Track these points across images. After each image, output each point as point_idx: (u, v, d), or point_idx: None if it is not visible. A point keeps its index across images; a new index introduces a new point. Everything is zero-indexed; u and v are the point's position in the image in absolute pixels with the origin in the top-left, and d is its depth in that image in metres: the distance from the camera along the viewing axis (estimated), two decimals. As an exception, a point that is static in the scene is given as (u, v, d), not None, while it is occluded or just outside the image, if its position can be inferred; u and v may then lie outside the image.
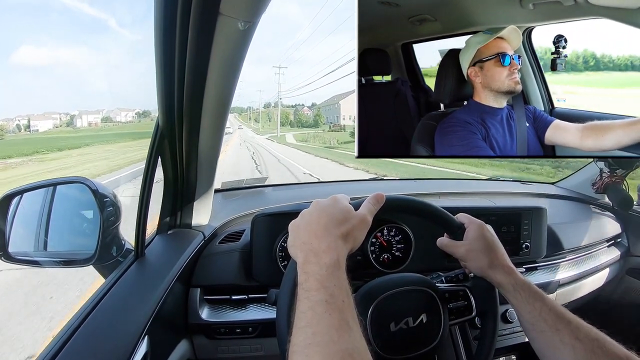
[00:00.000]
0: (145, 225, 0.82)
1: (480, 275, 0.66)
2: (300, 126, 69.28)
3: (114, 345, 0.61)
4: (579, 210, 1.49)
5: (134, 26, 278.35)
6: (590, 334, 0.52)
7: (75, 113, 79.01)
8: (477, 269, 0.66)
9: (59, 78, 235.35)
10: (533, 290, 0.59)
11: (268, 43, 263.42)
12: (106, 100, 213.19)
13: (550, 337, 0.54)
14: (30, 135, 64.07)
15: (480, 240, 0.65)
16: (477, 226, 0.67)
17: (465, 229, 0.68)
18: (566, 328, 0.53)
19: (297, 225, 0.55)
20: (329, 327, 0.41)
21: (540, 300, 0.58)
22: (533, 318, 0.57)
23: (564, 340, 0.53)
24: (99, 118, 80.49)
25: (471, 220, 0.69)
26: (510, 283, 0.61)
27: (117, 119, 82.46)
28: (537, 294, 0.59)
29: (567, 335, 0.53)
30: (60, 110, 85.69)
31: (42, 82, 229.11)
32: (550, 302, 0.57)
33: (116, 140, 33.68)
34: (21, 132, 67.99)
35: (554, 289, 1.16)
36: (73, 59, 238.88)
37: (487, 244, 0.65)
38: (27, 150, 23.25)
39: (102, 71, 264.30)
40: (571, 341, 0.52)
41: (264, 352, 0.91)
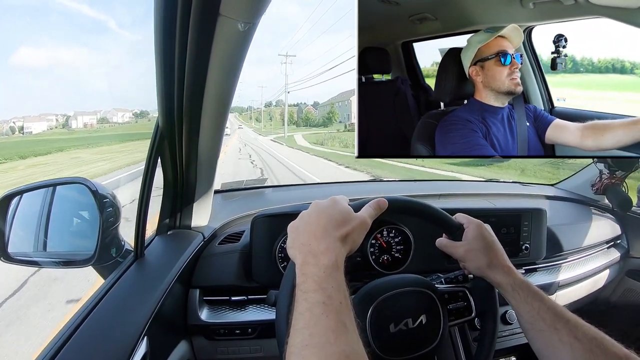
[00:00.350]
0: (145, 226, 0.82)
1: (479, 275, 0.65)
2: (307, 125, 66.40)
3: (113, 345, 0.60)
4: (579, 211, 1.49)
5: (133, 27, 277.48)
6: (589, 333, 0.52)
7: (71, 114, 78.56)
8: (476, 269, 0.65)
9: (59, 78, 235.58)
10: (532, 289, 0.59)
11: (268, 44, 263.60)
12: (105, 101, 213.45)
13: (548, 337, 0.54)
14: (22, 137, 63.47)
15: (479, 240, 0.65)
16: (476, 226, 0.67)
17: (464, 229, 0.68)
18: (565, 327, 0.53)
19: (296, 227, 0.55)
20: (325, 329, 0.41)
21: (538, 299, 0.58)
22: (532, 317, 0.57)
23: (562, 339, 0.52)
24: (95, 119, 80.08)
25: (470, 220, 0.68)
26: (509, 283, 0.61)
27: (114, 119, 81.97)
28: (535, 294, 0.59)
29: (565, 334, 0.53)
30: (57, 111, 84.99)
31: (41, 83, 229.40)
32: (549, 302, 0.57)
33: (100, 143, 31.75)
34: (14, 135, 67.57)
35: (554, 290, 1.15)
36: (72, 59, 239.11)
37: (486, 243, 0.65)
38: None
39: (101, 71, 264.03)
40: (570, 340, 0.52)
41: (263, 353, 0.91)
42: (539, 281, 1.13)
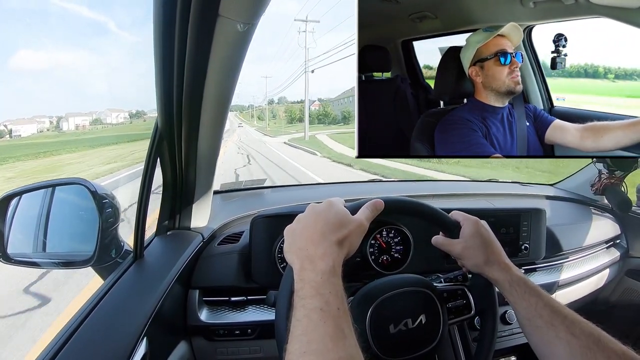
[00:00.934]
0: (144, 227, 0.82)
1: (477, 272, 0.66)
2: (324, 123, 58.06)
3: (113, 346, 0.60)
4: (578, 211, 1.49)
5: (133, 27, 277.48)
6: (586, 329, 0.52)
7: (62, 115, 77.50)
8: (474, 266, 0.65)
9: (58, 80, 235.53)
10: (529, 285, 0.60)
11: (268, 42, 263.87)
12: (103, 101, 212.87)
13: (545, 333, 0.54)
14: (8, 141, 61.95)
15: (476, 237, 0.65)
16: (472, 223, 0.67)
17: (461, 227, 0.68)
18: (562, 324, 0.53)
19: (292, 230, 0.55)
20: (323, 335, 0.42)
21: (536, 295, 0.58)
22: (529, 314, 0.57)
23: (559, 335, 0.52)
24: (88, 120, 78.86)
25: (466, 217, 0.68)
26: (506, 279, 0.61)
27: (108, 120, 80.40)
28: (533, 290, 0.59)
29: (562, 330, 0.53)
30: (51, 113, 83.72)
31: (38, 85, 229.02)
32: (546, 298, 0.57)
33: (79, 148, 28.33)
34: (2, 138, 66.47)
35: (554, 290, 1.16)
36: (72, 61, 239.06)
37: (483, 240, 0.65)
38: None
39: (101, 72, 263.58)
40: (567, 336, 0.52)
41: (262, 354, 0.91)
42: (539, 281, 1.13)
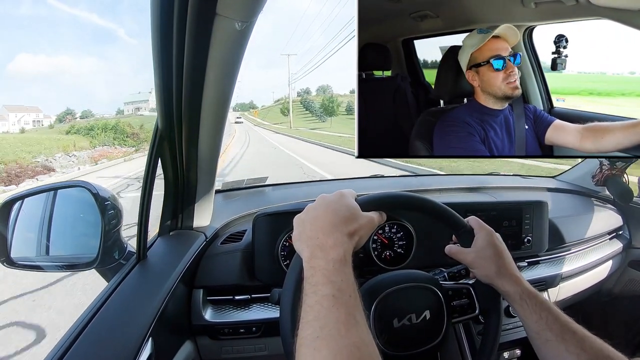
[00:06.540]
0: (147, 228, 0.82)
1: (487, 282, 0.65)
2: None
3: (118, 347, 0.61)
4: (580, 203, 1.49)
5: (132, 28, 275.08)
6: (595, 344, 0.52)
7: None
8: (484, 277, 0.65)
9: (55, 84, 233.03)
10: (539, 299, 0.60)
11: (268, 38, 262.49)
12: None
13: (555, 347, 0.54)
14: None
15: (489, 248, 0.65)
16: (487, 233, 0.66)
17: (474, 234, 0.67)
18: (572, 338, 0.54)
19: (302, 220, 0.55)
20: (336, 321, 0.42)
21: (546, 309, 0.58)
22: (539, 327, 0.57)
23: (569, 349, 0.53)
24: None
25: (481, 226, 0.68)
26: (517, 292, 0.61)
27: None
28: (543, 304, 0.59)
29: (572, 345, 0.53)
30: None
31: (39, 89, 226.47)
32: (556, 312, 0.58)
33: None
34: None
35: (557, 282, 1.16)
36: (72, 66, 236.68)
37: (496, 252, 0.64)
38: None
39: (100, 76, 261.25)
40: (577, 351, 0.52)
41: (268, 352, 0.91)
42: (542, 274, 1.13)
